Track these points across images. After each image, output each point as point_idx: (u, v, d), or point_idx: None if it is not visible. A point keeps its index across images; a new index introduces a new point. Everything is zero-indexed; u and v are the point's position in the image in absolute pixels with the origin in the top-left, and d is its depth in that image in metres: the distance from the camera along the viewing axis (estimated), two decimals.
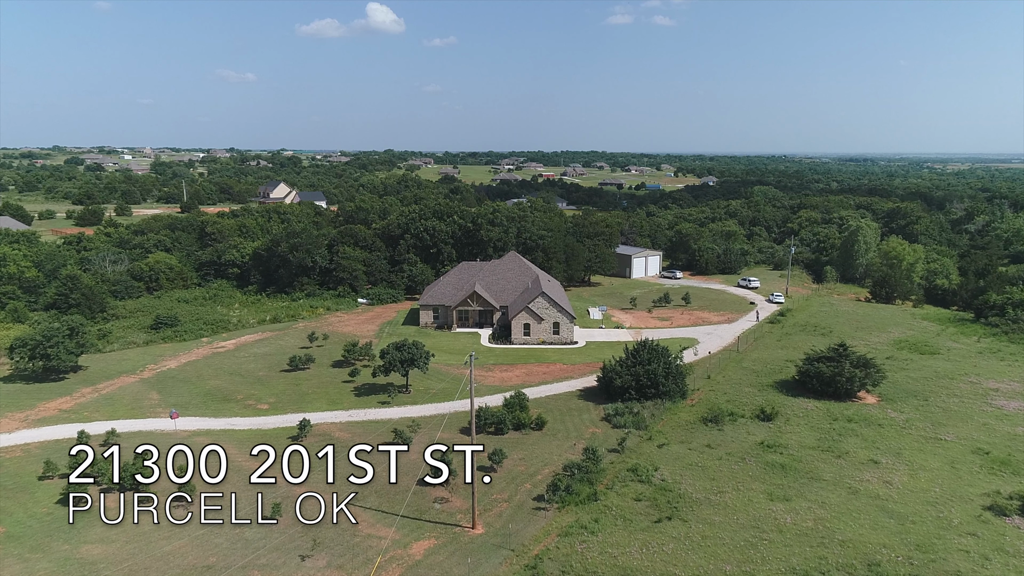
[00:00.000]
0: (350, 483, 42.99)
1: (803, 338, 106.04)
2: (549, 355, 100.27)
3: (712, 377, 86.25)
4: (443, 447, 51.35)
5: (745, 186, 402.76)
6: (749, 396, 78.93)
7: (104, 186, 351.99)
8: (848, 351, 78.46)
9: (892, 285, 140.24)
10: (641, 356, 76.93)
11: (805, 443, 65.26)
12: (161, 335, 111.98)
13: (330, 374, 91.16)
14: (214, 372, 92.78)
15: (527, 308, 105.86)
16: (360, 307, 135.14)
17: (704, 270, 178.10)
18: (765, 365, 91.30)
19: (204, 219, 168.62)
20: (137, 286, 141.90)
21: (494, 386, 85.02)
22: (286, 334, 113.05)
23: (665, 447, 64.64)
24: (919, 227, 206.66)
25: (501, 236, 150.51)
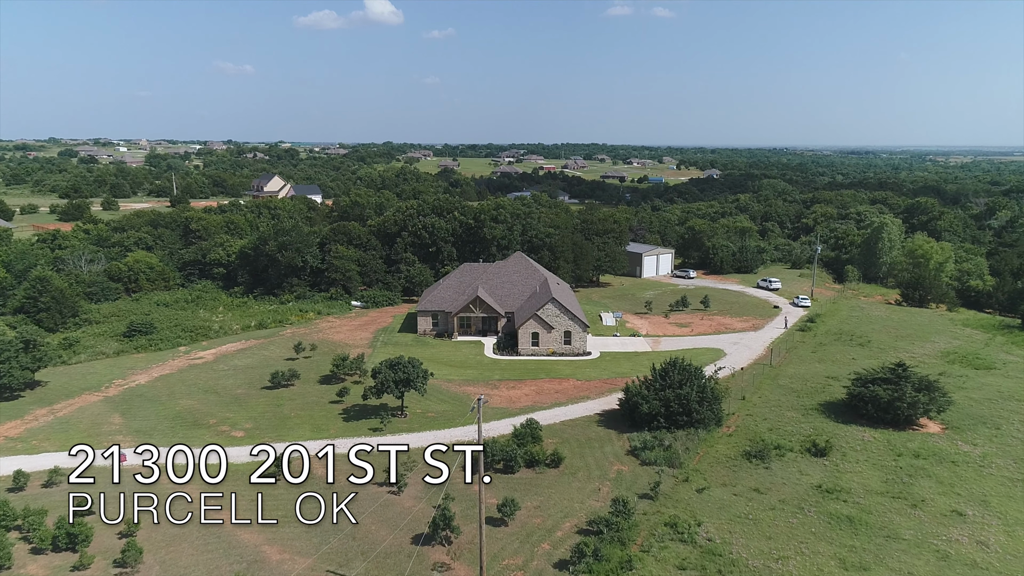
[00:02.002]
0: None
1: (840, 349, 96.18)
2: (561, 368, 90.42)
3: (747, 398, 76.29)
4: (443, 447, 42.36)
5: (750, 179, 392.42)
6: (793, 423, 69.05)
7: (94, 179, 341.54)
8: (908, 371, 68.40)
9: (925, 287, 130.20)
10: (671, 378, 67.03)
11: (871, 487, 55.40)
12: (134, 344, 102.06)
13: (316, 392, 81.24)
14: (187, 389, 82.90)
15: (535, 316, 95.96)
16: (354, 311, 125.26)
17: (719, 269, 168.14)
18: (804, 383, 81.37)
19: (188, 215, 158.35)
20: (114, 288, 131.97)
21: (501, 408, 75.16)
22: (271, 343, 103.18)
23: (706, 492, 54.73)
24: (942, 223, 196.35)
25: (505, 234, 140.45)
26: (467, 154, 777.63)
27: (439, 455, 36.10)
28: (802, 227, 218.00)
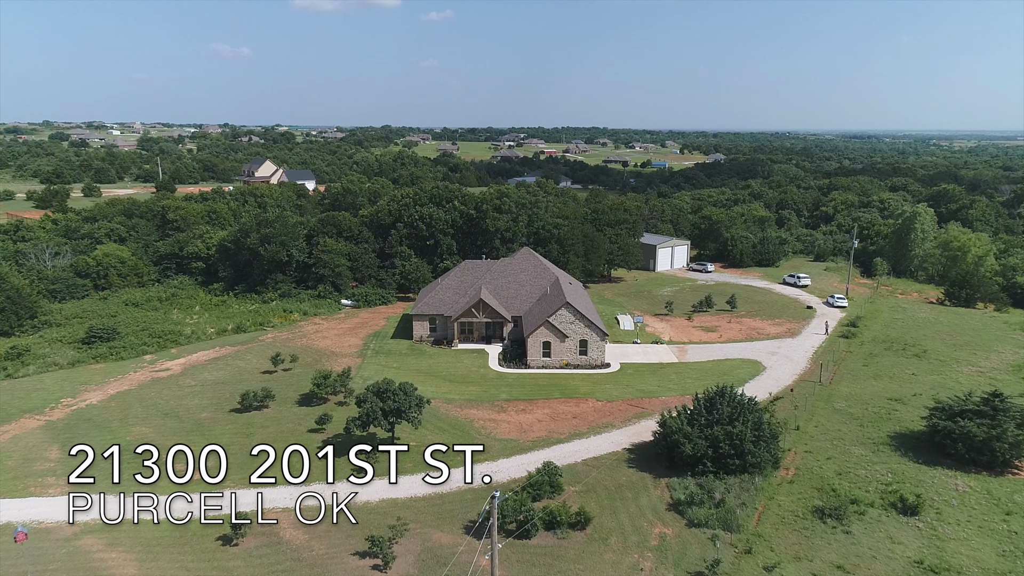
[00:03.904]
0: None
1: (894, 361, 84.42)
2: (576, 384, 78.67)
3: (802, 428, 64.59)
4: (443, 447, 41.65)
5: (758, 165, 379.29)
6: (864, 463, 57.33)
7: (80, 164, 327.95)
8: (1007, 402, 56.59)
9: (974, 285, 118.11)
10: (719, 411, 55.18)
11: (985, 562, 43.81)
12: (93, 352, 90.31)
13: (293, 417, 69.47)
14: (144, 412, 71.16)
15: (547, 323, 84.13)
16: (343, 311, 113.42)
17: (738, 262, 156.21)
18: (864, 407, 69.60)
19: (165, 203, 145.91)
20: (82, 285, 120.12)
21: (510, 441, 63.45)
22: (248, 351, 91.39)
23: (777, 570, 43.11)
24: (974, 212, 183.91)
25: (510, 226, 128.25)
26: (467, 138, 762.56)
27: (439, 455, 36.15)
28: (821, 215, 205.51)
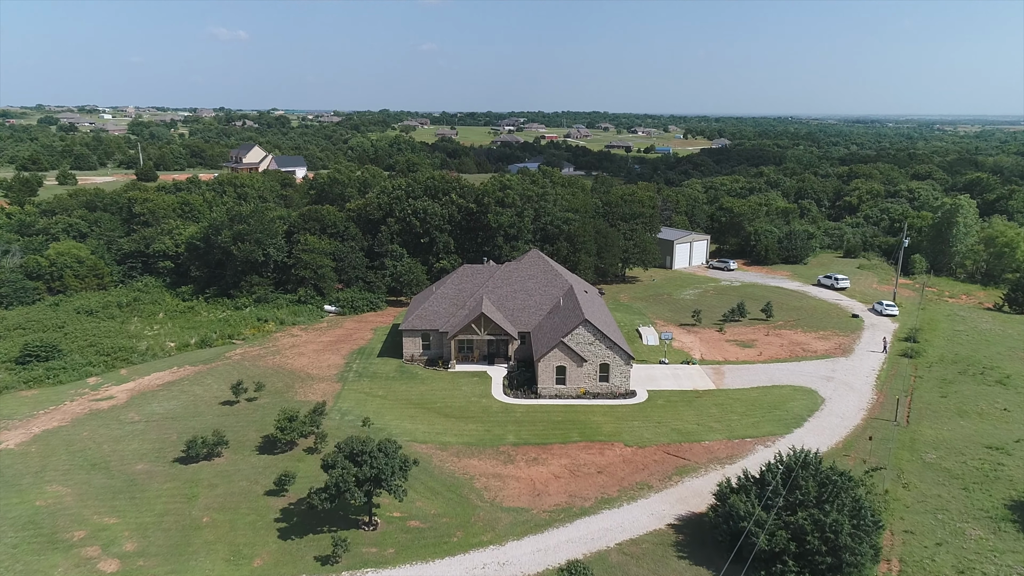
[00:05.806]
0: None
1: (974, 390, 70.76)
2: (598, 422, 64.99)
3: (891, 492, 50.96)
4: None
5: (764, 150, 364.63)
6: (986, 551, 43.89)
7: (61, 149, 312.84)
8: None
9: None
10: (806, 493, 41.44)
11: None
12: (26, 375, 76.64)
13: (250, 472, 55.70)
14: (67, 462, 57.56)
15: (561, 343, 70.38)
16: (326, 319, 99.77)
17: (762, 259, 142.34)
18: (960, 458, 56.01)
19: (132, 195, 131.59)
20: (34, 288, 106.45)
21: (520, 511, 49.80)
22: (210, 372, 77.69)
23: None
24: (1014, 203, 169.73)
25: (514, 221, 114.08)
26: (466, 122, 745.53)
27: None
28: (844, 206, 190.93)
